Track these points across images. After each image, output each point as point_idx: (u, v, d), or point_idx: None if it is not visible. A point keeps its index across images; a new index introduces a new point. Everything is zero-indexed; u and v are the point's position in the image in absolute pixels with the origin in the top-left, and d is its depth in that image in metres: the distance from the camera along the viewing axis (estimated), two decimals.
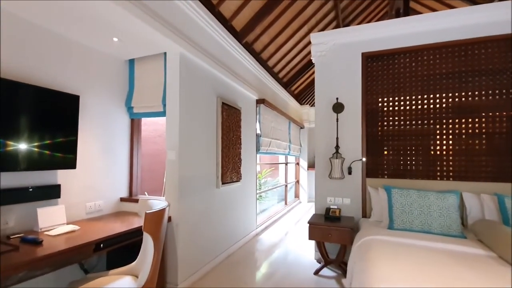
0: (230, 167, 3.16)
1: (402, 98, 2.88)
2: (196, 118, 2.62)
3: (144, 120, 3.72)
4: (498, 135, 2.53)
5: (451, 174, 2.65)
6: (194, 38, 2.54)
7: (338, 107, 3.03)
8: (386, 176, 2.90)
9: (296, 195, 7.52)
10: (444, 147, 2.70)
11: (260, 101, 4.25)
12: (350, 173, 2.95)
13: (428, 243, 1.89)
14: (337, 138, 2.92)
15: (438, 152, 2.72)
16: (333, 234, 2.58)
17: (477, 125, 2.61)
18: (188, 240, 2.48)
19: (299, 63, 5.94)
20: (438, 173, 2.70)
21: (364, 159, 2.93)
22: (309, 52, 5.99)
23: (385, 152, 2.92)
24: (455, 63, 2.70)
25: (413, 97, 2.84)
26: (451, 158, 2.67)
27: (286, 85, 6.09)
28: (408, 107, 2.86)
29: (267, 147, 4.64)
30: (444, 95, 2.73)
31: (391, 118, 2.92)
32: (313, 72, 7.22)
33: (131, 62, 2.67)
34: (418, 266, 1.53)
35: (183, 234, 2.40)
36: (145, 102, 2.57)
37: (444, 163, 2.70)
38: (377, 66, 2.99)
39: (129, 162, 2.69)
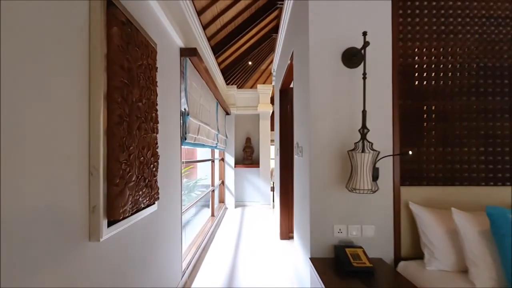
0: (133, 176, 1.25)
1: (450, 50, 1.72)
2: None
3: None
4: None
5: None
6: None
7: (353, 57, 1.63)
8: (425, 183, 1.69)
9: (221, 200, 5.91)
10: None
11: (187, 52, 2.40)
12: (376, 178, 1.60)
13: None
14: (363, 112, 1.50)
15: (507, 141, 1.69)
16: None
17: None
18: None
19: (233, 20, 4.28)
20: (500, 175, 1.69)
21: (411, 152, 1.63)
22: (246, 7, 4.43)
23: (425, 141, 1.72)
24: None
25: (466, 50, 1.72)
26: None
27: (213, 52, 4.34)
28: (459, 66, 1.72)
29: (195, 135, 2.84)
30: (506, 48, 1.72)
31: (433, 83, 1.72)
32: (244, 43, 5.68)
33: None
34: None
35: None
36: None
37: (499, 158, 1.70)
38: None
39: None
